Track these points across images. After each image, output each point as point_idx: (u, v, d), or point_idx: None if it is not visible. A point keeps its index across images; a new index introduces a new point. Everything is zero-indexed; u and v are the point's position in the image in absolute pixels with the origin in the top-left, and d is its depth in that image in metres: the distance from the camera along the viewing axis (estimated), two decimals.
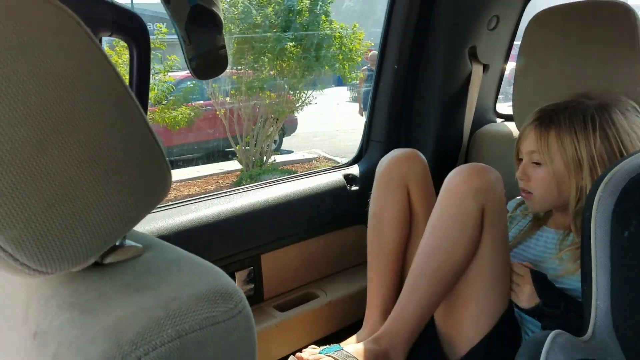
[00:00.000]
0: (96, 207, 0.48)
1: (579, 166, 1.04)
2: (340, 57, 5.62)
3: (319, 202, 1.47)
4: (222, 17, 1.10)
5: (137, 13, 0.94)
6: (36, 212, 0.43)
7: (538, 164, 1.09)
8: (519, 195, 1.41)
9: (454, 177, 1.06)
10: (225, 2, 5.19)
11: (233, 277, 1.30)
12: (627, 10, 1.20)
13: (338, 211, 1.51)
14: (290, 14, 5.34)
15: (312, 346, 1.14)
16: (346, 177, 1.56)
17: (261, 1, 5.27)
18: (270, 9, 5.20)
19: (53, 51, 0.47)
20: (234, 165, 6.07)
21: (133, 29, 0.94)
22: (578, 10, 1.27)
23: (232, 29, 5.12)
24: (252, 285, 1.35)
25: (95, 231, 0.48)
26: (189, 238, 1.20)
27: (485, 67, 1.55)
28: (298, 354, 1.07)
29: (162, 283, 0.48)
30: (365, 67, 6.47)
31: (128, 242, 0.56)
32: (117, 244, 0.54)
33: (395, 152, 1.28)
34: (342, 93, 9.43)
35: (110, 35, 0.92)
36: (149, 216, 0.96)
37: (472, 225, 1.02)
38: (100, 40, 0.94)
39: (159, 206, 0.98)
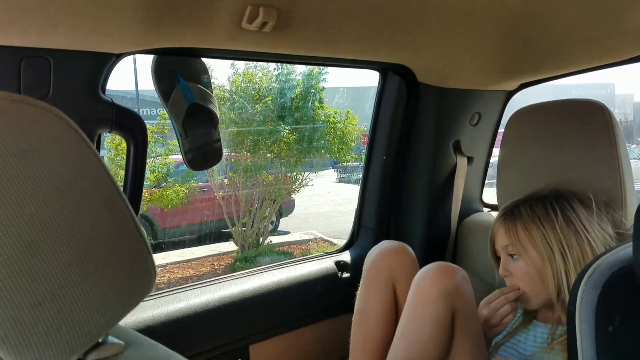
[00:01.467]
0: (82, 304, 0.49)
1: (551, 253, 1.06)
2: (335, 140, 5.78)
3: (310, 290, 1.47)
4: (217, 113, 1.17)
5: (136, 112, 1.00)
6: (23, 311, 0.45)
7: (515, 256, 1.12)
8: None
9: (423, 279, 1.06)
10: (223, 99, 5.42)
11: None
12: (602, 108, 1.27)
13: (329, 299, 1.51)
14: (285, 105, 5.57)
15: None
16: (337, 263, 1.57)
17: (254, 98, 5.50)
18: (261, 105, 5.42)
19: (51, 158, 0.50)
20: (230, 246, 6.05)
21: (132, 126, 0.99)
22: (556, 108, 1.35)
23: (228, 123, 5.32)
24: None
25: (79, 329, 0.49)
26: (177, 328, 1.19)
27: (470, 159, 1.61)
28: None
29: None
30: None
31: (110, 338, 0.57)
32: (100, 340, 0.55)
33: (383, 245, 1.28)
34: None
35: (109, 132, 0.97)
36: (137, 306, 0.96)
37: (444, 331, 1.01)
38: (99, 137, 0.99)
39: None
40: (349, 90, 7.62)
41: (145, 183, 1.14)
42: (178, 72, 1.10)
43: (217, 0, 0.88)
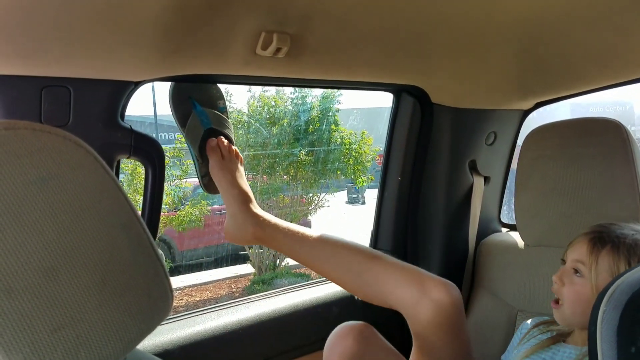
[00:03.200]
0: (100, 329, 0.50)
1: None
2: (351, 161, 5.80)
3: (326, 312, 1.46)
4: (233, 138, 1.18)
5: (153, 137, 1.02)
6: (42, 336, 0.45)
7: (579, 274, 1.08)
8: (524, 309, 1.40)
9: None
10: (240, 122, 5.49)
11: None
12: (619, 126, 1.26)
13: (346, 321, 1.50)
14: (300, 128, 5.61)
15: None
16: None
17: (270, 121, 5.56)
18: (277, 128, 5.48)
19: (70, 184, 0.51)
20: (247, 268, 6.05)
21: (150, 152, 1.01)
22: (573, 126, 1.34)
23: (244, 147, 5.37)
24: None
25: (97, 353, 0.49)
26: (195, 352, 1.19)
27: (487, 179, 1.61)
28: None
29: None
30: None
31: None
32: None
33: (337, 330, 1.11)
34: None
35: (128, 158, 0.99)
36: (155, 329, 0.96)
37: None
38: (118, 162, 1.01)
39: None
40: (363, 111, 7.65)
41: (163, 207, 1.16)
42: (194, 98, 1.12)
43: (232, 28, 0.90)
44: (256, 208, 1.09)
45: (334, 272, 1.03)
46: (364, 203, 8.30)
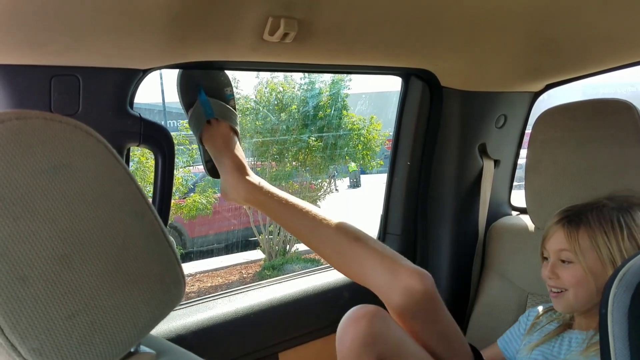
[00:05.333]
0: (114, 315, 0.50)
1: (614, 264, 1.05)
2: (360, 147, 5.78)
3: (337, 297, 1.47)
4: (238, 128, 1.18)
5: (162, 125, 1.02)
6: (58, 322, 0.46)
7: (568, 261, 1.10)
8: (534, 291, 1.40)
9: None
10: (248, 109, 5.48)
11: None
12: (630, 107, 1.25)
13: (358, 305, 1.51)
14: (308, 114, 5.60)
15: None
16: None
17: (278, 107, 5.55)
18: (286, 114, 5.46)
19: (82, 173, 0.52)
20: (257, 254, 6.08)
21: (159, 140, 1.01)
22: (583, 108, 1.33)
23: (253, 133, 5.37)
24: None
25: (112, 339, 0.50)
26: (207, 336, 1.20)
27: (497, 162, 1.60)
28: None
29: None
30: None
31: (142, 348, 0.58)
32: (132, 350, 0.56)
33: (350, 314, 1.03)
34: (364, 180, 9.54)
35: (138, 146, 0.99)
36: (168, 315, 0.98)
37: None
38: (128, 150, 1.01)
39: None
40: (371, 95, 7.61)
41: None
42: (202, 86, 1.12)
43: (239, 14, 0.90)
44: (250, 175, 1.13)
45: (319, 246, 1.10)
46: (358, 186, 8.65)
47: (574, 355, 1.09)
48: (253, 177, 1.13)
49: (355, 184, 8.81)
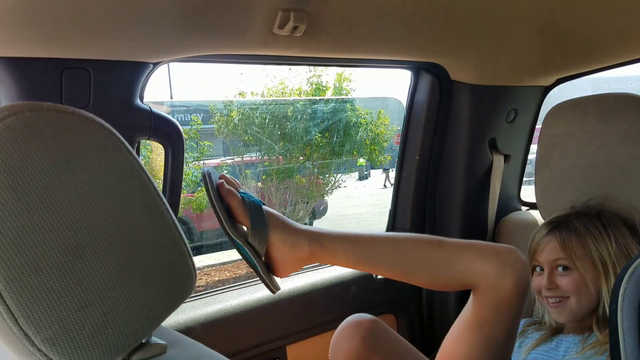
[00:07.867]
0: (126, 306, 0.51)
1: (606, 268, 1.07)
2: (367, 142, 5.77)
3: (345, 291, 1.47)
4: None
5: (172, 119, 1.02)
6: (70, 313, 0.46)
7: (565, 268, 1.10)
8: None
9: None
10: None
11: None
12: None
13: (365, 300, 1.51)
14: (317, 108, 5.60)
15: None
16: None
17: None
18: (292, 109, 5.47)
19: (94, 165, 0.52)
20: None
21: (169, 133, 1.02)
22: (593, 103, 1.31)
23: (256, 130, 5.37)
24: None
25: (124, 330, 0.50)
26: (216, 329, 1.21)
27: (507, 157, 1.59)
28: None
29: None
30: None
31: (153, 339, 0.58)
32: (144, 341, 0.57)
33: (344, 324, 1.03)
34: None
35: (148, 139, 1.00)
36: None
37: None
38: (138, 144, 1.02)
39: None
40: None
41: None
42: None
43: (249, 7, 0.90)
44: (297, 224, 0.94)
45: (401, 268, 0.93)
46: (367, 177, 9.04)
47: (572, 357, 1.09)
48: (301, 225, 0.95)
49: (364, 177, 9.23)
